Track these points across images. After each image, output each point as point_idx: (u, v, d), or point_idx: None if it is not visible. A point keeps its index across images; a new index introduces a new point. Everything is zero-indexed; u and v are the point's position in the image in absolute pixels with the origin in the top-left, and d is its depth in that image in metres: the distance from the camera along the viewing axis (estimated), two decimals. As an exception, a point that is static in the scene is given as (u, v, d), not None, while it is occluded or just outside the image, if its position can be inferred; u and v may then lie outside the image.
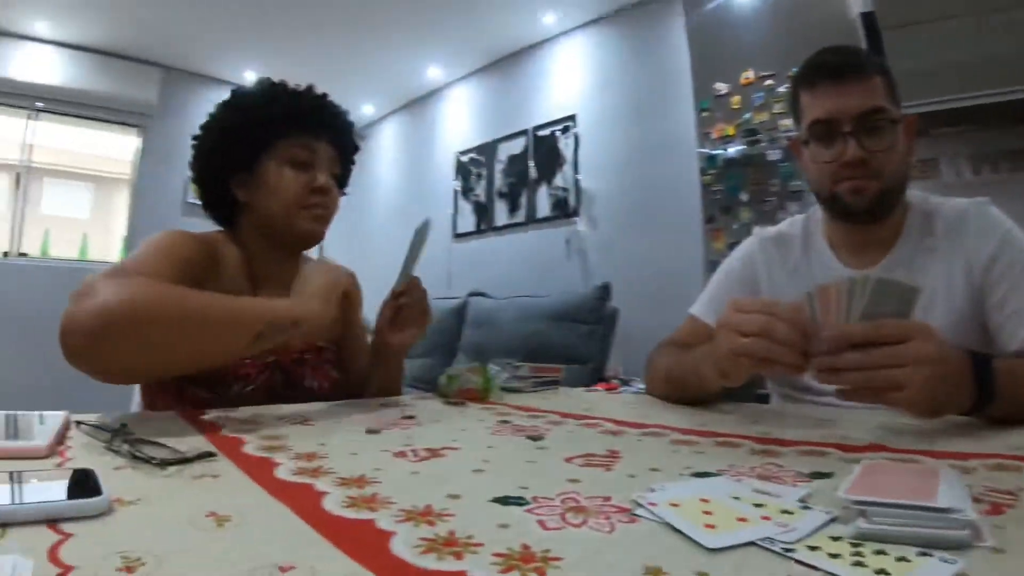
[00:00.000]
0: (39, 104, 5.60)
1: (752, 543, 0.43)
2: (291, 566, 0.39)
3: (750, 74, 3.65)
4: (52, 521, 0.45)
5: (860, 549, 0.42)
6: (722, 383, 1.03)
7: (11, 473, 0.53)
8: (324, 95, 1.37)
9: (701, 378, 1.11)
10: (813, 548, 0.42)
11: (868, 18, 3.07)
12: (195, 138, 1.36)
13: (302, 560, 0.40)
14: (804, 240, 1.42)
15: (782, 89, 3.47)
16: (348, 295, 1.43)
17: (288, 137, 1.28)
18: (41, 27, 5.34)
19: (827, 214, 1.37)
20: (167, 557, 0.40)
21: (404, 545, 0.43)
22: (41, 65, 5.49)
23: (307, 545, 0.43)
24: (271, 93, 1.32)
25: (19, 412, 0.80)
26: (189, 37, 5.65)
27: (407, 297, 1.23)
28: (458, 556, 0.41)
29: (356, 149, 1.46)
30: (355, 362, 1.45)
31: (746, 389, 1.76)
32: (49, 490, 0.50)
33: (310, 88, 1.36)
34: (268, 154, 1.29)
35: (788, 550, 0.41)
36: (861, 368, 0.82)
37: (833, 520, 0.47)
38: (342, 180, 1.43)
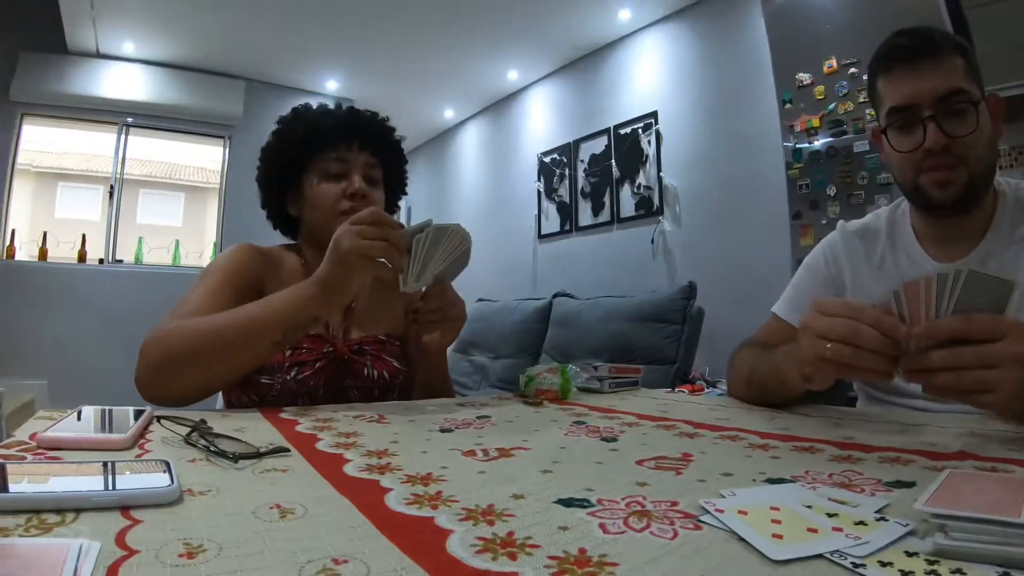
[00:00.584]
0: (129, 119, 5.91)
1: (820, 556, 0.40)
2: (345, 559, 0.39)
3: (832, 62, 3.50)
4: (125, 507, 0.47)
5: (936, 567, 0.38)
6: (805, 386, 0.99)
7: (93, 463, 0.56)
8: (354, 109, 1.47)
9: (783, 380, 1.07)
10: (885, 564, 0.39)
11: (951, -4, 2.93)
12: (257, 168, 1.49)
13: (357, 554, 0.40)
14: (890, 233, 1.36)
15: (866, 76, 3.31)
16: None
17: (321, 153, 1.38)
18: (128, 47, 5.66)
19: (913, 206, 1.32)
20: (227, 545, 0.41)
21: (460, 544, 0.43)
22: (129, 83, 5.81)
23: (364, 540, 0.43)
24: (300, 117, 1.44)
25: (114, 407, 0.86)
26: (271, 50, 5.87)
27: (424, 303, 1.22)
28: (512, 557, 0.41)
29: (398, 151, 1.52)
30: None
31: (835, 391, 1.70)
32: (124, 479, 0.52)
33: (339, 105, 1.48)
34: (307, 172, 1.41)
35: (857, 565, 0.39)
36: (949, 368, 0.77)
37: (910, 534, 0.44)
38: (393, 180, 1.52)
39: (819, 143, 3.55)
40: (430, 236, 1.09)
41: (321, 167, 1.38)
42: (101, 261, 5.79)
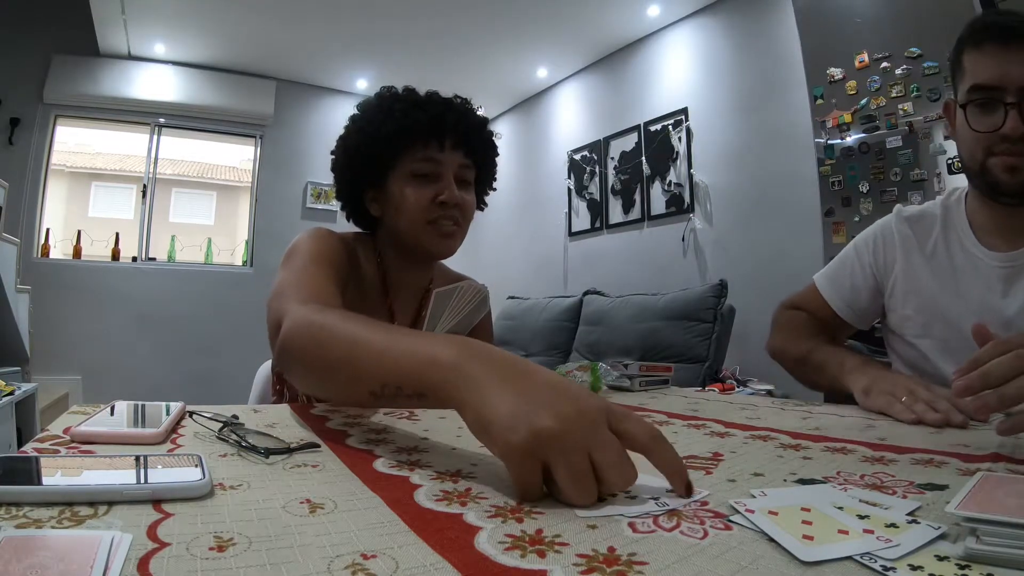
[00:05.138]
0: (161, 120, 6.02)
1: (850, 558, 0.40)
2: (374, 554, 0.40)
3: (864, 57, 3.45)
4: (156, 501, 0.48)
5: (967, 572, 0.38)
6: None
7: (127, 457, 0.57)
8: (446, 101, 1.31)
9: (835, 383, 1.25)
10: (915, 567, 0.38)
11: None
12: (332, 153, 1.37)
13: (386, 549, 0.41)
14: (944, 222, 1.35)
15: (899, 71, 3.29)
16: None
17: (410, 149, 1.26)
18: (159, 49, 5.75)
19: (974, 190, 1.30)
20: (257, 539, 0.42)
21: (489, 540, 0.43)
22: (161, 84, 5.90)
23: (393, 535, 0.44)
24: (387, 109, 1.28)
25: (148, 403, 0.87)
26: (301, 50, 5.93)
27: None
28: (541, 555, 0.40)
29: (491, 148, 1.41)
30: None
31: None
32: (156, 473, 0.53)
33: (429, 96, 1.31)
34: (393, 170, 1.28)
35: (887, 568, 0.38)
36: (988, 387, 0.76)
37: (941, 537, 0.43)
38: (484, 181, 1.42)
39: (851, 139, 3.51)
40: (432, 301, 1.10)
41: (409, 167, 1.26)
42: (134, 259, 5.89)
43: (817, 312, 1.50)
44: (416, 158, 1.26)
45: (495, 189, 1.47)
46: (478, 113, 1.35)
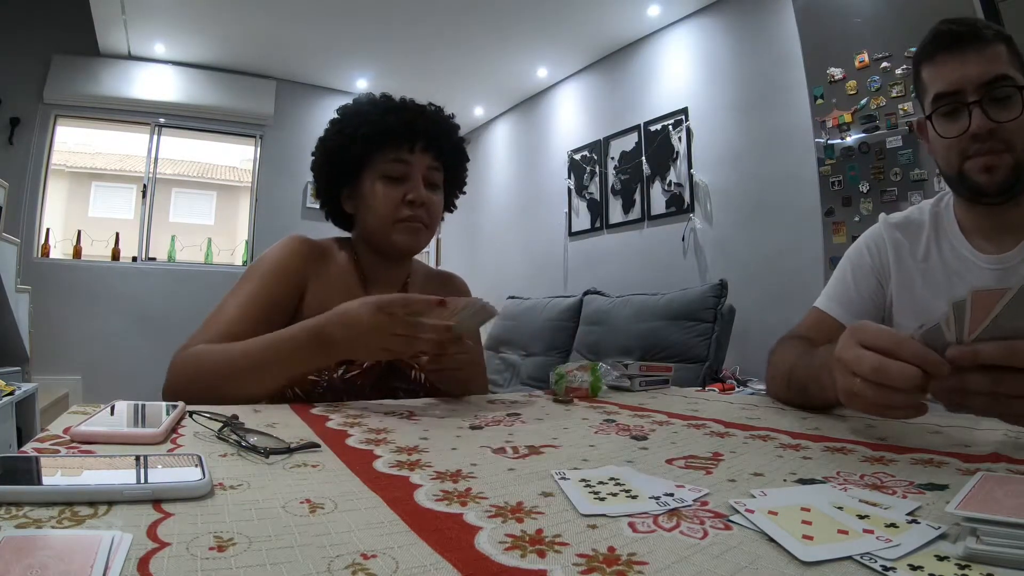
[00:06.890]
0: (161, 120, 6.03)
1: (850, 558, 0.40)
2: (373, 554, 0.40)
3: (864, 57, 3.45)
4: (157, 501, 0.48)
5: (966, 572, 0.38)
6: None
7: (127, 457, 0.57)
8: (419, 107, 1.41)
9: (823, 388, 0.98)
10: (915, 568, 0.38)
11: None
12: (313, 154, 1.45)
13: (385, 549, 0.41)
14: (934, 226, 1.34)
15: (899, 71, 3.29)
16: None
17: (383, 151, 1.35)
18: (159, 49, 5.76)
19: (958, 196, 1.30)
20: (257, 539, 0.42)
21: (489, 540, 0.43)
22: (161, 84, 5.91)
23: (393, 535, 0.43)
24: (364, 112, 1.38)
25: (148, 402, 0.87)
26: (301, 50, 5.94)
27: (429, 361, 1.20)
28: (541, 555, 0.40)
29: (461, 153, 1.47)
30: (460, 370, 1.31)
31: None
32: (156, 472, 0.53)
33: (403, 102, 1.41)
34: (367, 170, 1.38)
35: (887, 568, 0.38)
36: (989, 393, 0.69)
37: (941, 537, 0.43)
38: (453, 180, 1.48)
39: (851, 139, 3.51)
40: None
41: (381, 168, 1.35)
42: (134, 259, 5.89)
43: (821, 338, 1.28)
44: (388, 159, 1.35)
45: (464, 192, 1.54)
46: (450, 120, 1.44)
